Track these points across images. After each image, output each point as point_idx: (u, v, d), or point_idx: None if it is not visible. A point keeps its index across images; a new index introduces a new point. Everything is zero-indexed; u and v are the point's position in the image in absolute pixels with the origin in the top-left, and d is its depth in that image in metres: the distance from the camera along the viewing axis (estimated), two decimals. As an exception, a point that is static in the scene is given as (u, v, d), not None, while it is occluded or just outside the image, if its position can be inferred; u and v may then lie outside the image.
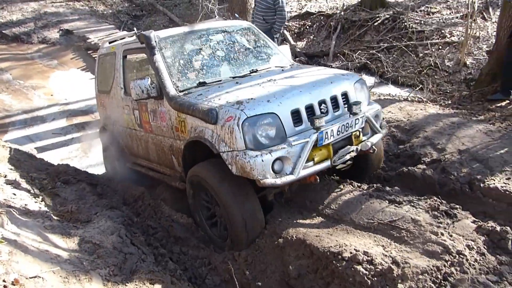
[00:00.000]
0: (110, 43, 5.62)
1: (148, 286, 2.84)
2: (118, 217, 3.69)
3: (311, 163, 3.34)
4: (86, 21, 15.31)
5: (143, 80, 3.92)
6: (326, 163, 3.42)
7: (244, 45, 4.67)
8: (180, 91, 3.91)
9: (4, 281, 2.12)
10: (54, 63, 12.66)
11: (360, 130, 3.68)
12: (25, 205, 3.43)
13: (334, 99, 3.65)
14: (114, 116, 5.29)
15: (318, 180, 3.52)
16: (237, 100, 3.38)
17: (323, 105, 3.54)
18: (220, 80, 4.10)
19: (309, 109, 3.46)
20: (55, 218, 3.51)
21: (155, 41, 4.13)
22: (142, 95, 3.94)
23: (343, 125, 3.47)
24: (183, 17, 15.35)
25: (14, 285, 2.16)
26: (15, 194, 3.59)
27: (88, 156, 7.03)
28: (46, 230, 3.12)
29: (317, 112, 3.48)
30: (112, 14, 16.34)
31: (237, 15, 5.60)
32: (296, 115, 3.39)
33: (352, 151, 3.56)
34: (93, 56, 12.72)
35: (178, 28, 4.76)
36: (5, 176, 3.84)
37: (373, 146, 3.75)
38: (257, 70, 4.32)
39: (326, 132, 3.34)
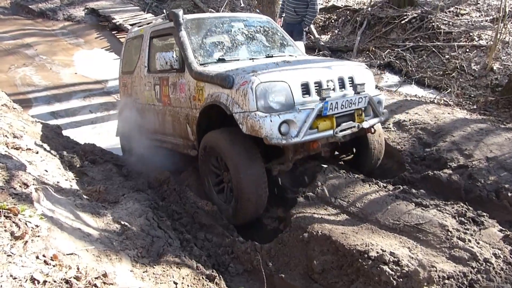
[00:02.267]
0: (139, 27, 5.85)
1: (175, 270, 2.89)
2: (145, 200, 3.74)
3: (315, 130, 3.59)
4: (111, 1, 15.39)
5: (168, 53, 4.28)
6: (329, 132, 3.66)
7: (262, 35, 5.03)
8: (201, 64, 4.21)
9: (44, 256, 2.18)
10: (78, 41, 12.77)
11: (363, 109, 3.93)
12: (57, 182, 3.50)
13: (341, 80, 3.92)
14: (135, 94, 5.60)
15: (320, 148, 3.83)
16: (253, 69, 3.69)
17: (330, 82, 3.81)
18: (238, 60, 4.43)
19: (317, 84, 3.73)
20: (85, 197, 3.58)
21: (182, 19, 4.45)
22: (166, 66, 4.31)
23: (347, 100, 3.74)
24: (207, 2, 15.32)
25: (53, 260, 2.22)
26: (46, 171, 3.66)
27: (110, 136, 7.10)
28: (78, 209, 3.18)
29: (324, 87, 3.73)
30: (137, -4, 16.37)
31: (258, 11, 5.85)
32: (305, 87, 3.66)
33: (354, 126, 3.80)
34: (118, 36, 12.83)
35: (203, 13, 5.11)
36: (37, 152, 3.92)
37: (373, 128, 4.13)
38: (272, 56, 4.65)
39: (331, 104, 3.61)
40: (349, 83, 3.96)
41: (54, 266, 2.07)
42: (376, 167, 4.68)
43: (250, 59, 4.45)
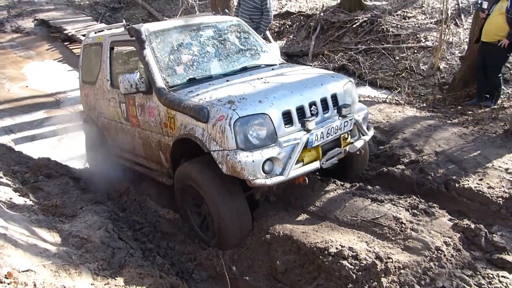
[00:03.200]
0: (96, 33, 5.47)
1: (138, 281, 2.87)
2: (104, 212, 3.68)
3: (300, 164, 3.39)
4: (62, 11, 14.95)
5: (132, 75, 3.88)
6: (315, 165, 3.46)
7: (234, 41, 4.67)
8: (170, 87, 3.88)
9: (-2, 274, 2.12)
10: (29, 53, 12.31)
11: (349, 132, 3.74)
12: (10, 198, 3.39)
13: (324, 101, 3.68)
14: (99, 108, 5.19)
15: (307, 181, 3.58)
16: (229, 99, 3.38)
17: (313, 106, 3.56)
18: (211, 77, 4.08)
19: (300, 110, 3.48)
20: (41, 212, 3.48)
21: (145, 35, 4.10)
22: (131, 90, 3.89)
23: (333, 127, 3.53)
24: (162, 11, 15.22)
25: (8, 278, 2.15)
26: (-2, 188, 3.53)
27: (66, 150, 6.90)
28: (33, 224, 3.10)
29: (308, 113, 3.50)
30: (89, 6, 16.03)
31: (226, 11, 5.59)
32: (287, 116, 3.41)
33: (340, 153, 3.63)
34: (70, 47, 12.48)
35: (168, 21, 4.71)
36: (-13, 169, 3.77)
37: (360, 148, 3.81)
38: (246, 68, 4.33)
39: (316, 134, 3.39)
40: (332, 103, 3.73)
41: (9, 284, 2.02)
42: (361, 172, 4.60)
43: (223, 74, 4.12)
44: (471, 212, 3.80)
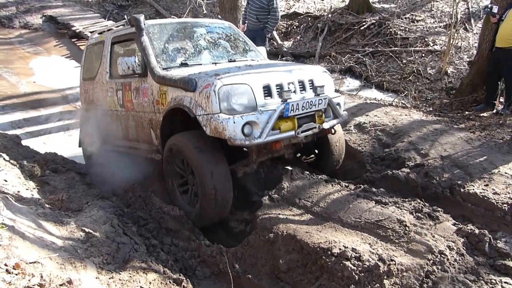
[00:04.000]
0: (99, 33, 5.79)
1: (142, 275, 2.90)
2: (109, 207, 3.72)
3: (277, 131, 3.68)
4: (70, 8, 15.04)
5: (130, 58, 4.28)
6: (291, 133, 3.76)
7: (224, 39, 5.10)
8: (164, 69, 4.23)
9: (6, 265, 2.15)
10: (36, 49, 12.41)
11: (323, 111, 4.03)
12: (18, 191, 3.43)
13: (301, 82, 4.03)
14: (96, 100, 5.54)
15: (282, 148, 3.97)
16: (215, 72, 3.75)
17: (291, 84, 3.92)
18: (201, 64, 4.46)
19: (279, 86, 3.82)
20: (47, 206, 3.51)
21: (144, 24, 4.45)
22: (128, 71, 4.30)
23: (308, 102, 3.85)
24: (170, 9, 15.28)
25: (15, 269, 2.19)
26: (6, 181, 3.57)
27: (72, 145, 6.95)
28: (40, 217, 3.13)
29: (286, 89, 3.82)
30: (97, 3, 16.12)
31: (220, 17, 5.93)
32: (266, 90, 3.75)
33: (315, 127, 3.92)
34: (78, 44, 12.56)
35: (165, 19, 5.03)
36: (-5, 162, 3.81)
37: (333, 128, 4.26)
38: (235, 61, 4.71)
39: (292, 105, 3.70)
40: (309, 86, 4.08)
41: (16, 274, 2.05)
42: (338, 167, 4.81)
43: (212, 63, 4.51)
44: (475, 217, 3.79)
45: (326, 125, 4.01)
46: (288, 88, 3.87)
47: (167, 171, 4.20)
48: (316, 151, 4.94)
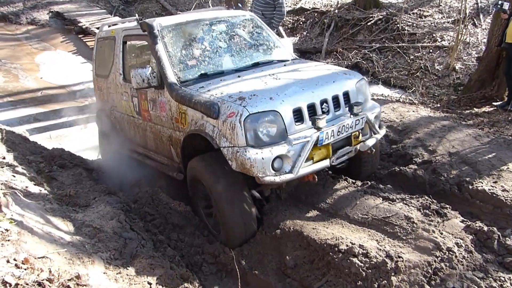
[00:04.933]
0: (109, 26, 5.51)
1: (149, 271, 2.91)
2: (116, 203, 3.73)
3: (310, 162, 3.37)
4: (76, 4, 15.08)
5: (144, 69, 3.88)
6: (325, 163, 3.44)
7: (246, 37, 4.63)
8: (182, 82, 3.87)
9: (15, 260, 2.16)
10: (43, 45, 12.46)
11: (360, 130, 3.69)
12: (26, 187, 3.45)
13: (335, 99, 3.64)
14: (111, 101, 5.23)
15: (316, 179, 3.60)
16: (240, 96, 3.37)
17: (324, 104, 3.53)
18: (222, 72, 4.06)
19: (311, 107, 3.45)
20: (55, 201, 3.53)
21: (158, 30, 4.09)
22: (143, 84, 3.90)
23: (344, 125, 3.48)
24: (176, 5, 15.26)
25: (24, 264, 2.20)
26: (14, 176, 3.59)
27: (79, 141, 6.98)
28: (48, 213, 3.15)
29: (319, 111, 3.47)
30: (103, -2, 16.13)
31: (240, 5, 5.59)
32: (297, 114, 3.38)
33: (351, 151, 3.60)
34: (84, 40, 12.59)
35: (180, 16, 4.69)
36: (4, 158, 3.83)
37: (371, 147, 3.80)
38: (258, 63, 4.29)
39: (327, 133, 3.36)
40: (344, 101, 3.69)
41: (25, 269, 2.06)
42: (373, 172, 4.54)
43: (235, 70, 4.10)
44: (484, 214, 3.77)
45: (363, 147, 3.66)
46: (322, 109, 3.49)
47: (191, 193, 3.96)
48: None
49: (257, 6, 7.43)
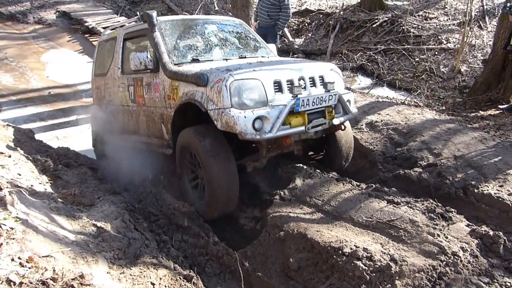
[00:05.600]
0: (112, 30, 5.89)
1: (152, 271, 2.91)
2: (121, 203, 3.74)
3: (287, 126, 3.70)
4: (83, 4, 15.13)
5: (142, 53, 4.33)
6: (301, 128, 3.79)
7: (235, 36, 5.17)
8: (175, 64, 4.26)
9: (19, 258, 2.17)
10: (50, 44, 12.51)
11: (333, 107, 4.05)
12: (31, 185, 3.46)
13: (312, 79, 4.05)
14: (108, 96, 5.61)
15: (293, 145, 4.03)
16: (227, 68, 3.78)
17: (301, 80, 3.94)
18: (212, 60, 4.51)
19: (289, 82, 3.85)
20: (60, 200, 3.54)
21: (156, 20, 4.51)
22: (140, 67, 4.35)
23: (318, 97, 3.86)
24: (181, 6, 15.29)
25: (29, 262, 2.20)
26: (20, 175, 3.60)
27: (84, 140, 7.01)
28: (53, 212, 3.16)
29: (296, 85, 3.85)
30: (110, -1, 16.18)
31: (231, 14, 5.93)
32: (277, 85, 3.79)
33: (325, 123, 3.94)
34: (90, 39, 12.63)
35: (176, 15, 5.10)
36: (9, 156, 3.85)
37: (343, 124, 4.26)
38: (245, 57, 4.75)
39: (303, 100, 3.73)
40: (320, 82, 4.10)
41: (30, 268, 2.07)
42: (346, 165, 4.78)
43: (223, 59, 4.54)
44: (489, 218, 3.74)
45: (336, 121, 4.02)
46: (299, 83, 3.89)
47: (179, 166, 4.25)
48: (325, 148, 4.92)
49: (262, 8, 7.44)
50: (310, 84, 4.02)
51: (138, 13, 5.10)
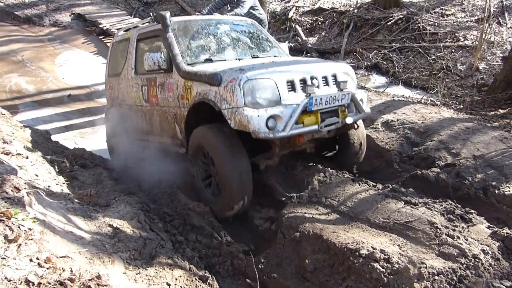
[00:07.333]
0: (125, 31, 5.90)
1: (168, 272, 2.91)
2: (136, 203, 3.75)
3: (300, 125, 3.73)
4: (97, 6, 15.31)
5: (156, 53, 4.38)
6: (314, 127, 3.81)
7: (247, 36, 5.20)
8: (189, 64, 4.31)
9: (37, 259, 2.18)
10: (65, 46, 12.68)
11: (346, 106, 4.09)
12: (48, 186, 3.49)
13: (324, 78, 4.06)
14: (121, 96, 5.67)
15: (305, 144, 4.10)
16: (240, 68, 3.79)
17: (314, 80, 3.95)
18: (225, 60, 4.55)
19: (302, 81, 3.87)
20: (76, 200, 3.57)
21: (169, 20, 4.55)
22: (154, 67, 4.40)
23: (331, 96, 3.90)
24: (194, 6, 15.36)
25: (47, 263, 2.22)
26: (37, 175, 3.64)
27: (100, 141, 7.07)
28: (69, 212, 3.18)
29: (309, 84, 3.89)
30: (123, 0, 16.34)
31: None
32: (290, 84, 3.80)
33: (338, 122, 3.96)
34: (105, 41, 12.76)
35: (190, 16, 5.24)
36: (27, 157, 3.89)
37: (356, 123, 4.26)
38: (258, 57, 4.79)
39: (316, 99, 3.76)
40: (333, 81, 4.10)
41: (48, 268, 2.08)
42: (358, 163, 4.76)
43: (236, 59, 4.57)
44: (511, 220, 3.65)
45: (348, 120, 4.02)
46: (312, 83, 3.90)
47: (192, 164, 4.28)
48: (337, 146, 4.92)
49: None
50: (323, 83, 4.03)
51: (151, 14, 5.15)
